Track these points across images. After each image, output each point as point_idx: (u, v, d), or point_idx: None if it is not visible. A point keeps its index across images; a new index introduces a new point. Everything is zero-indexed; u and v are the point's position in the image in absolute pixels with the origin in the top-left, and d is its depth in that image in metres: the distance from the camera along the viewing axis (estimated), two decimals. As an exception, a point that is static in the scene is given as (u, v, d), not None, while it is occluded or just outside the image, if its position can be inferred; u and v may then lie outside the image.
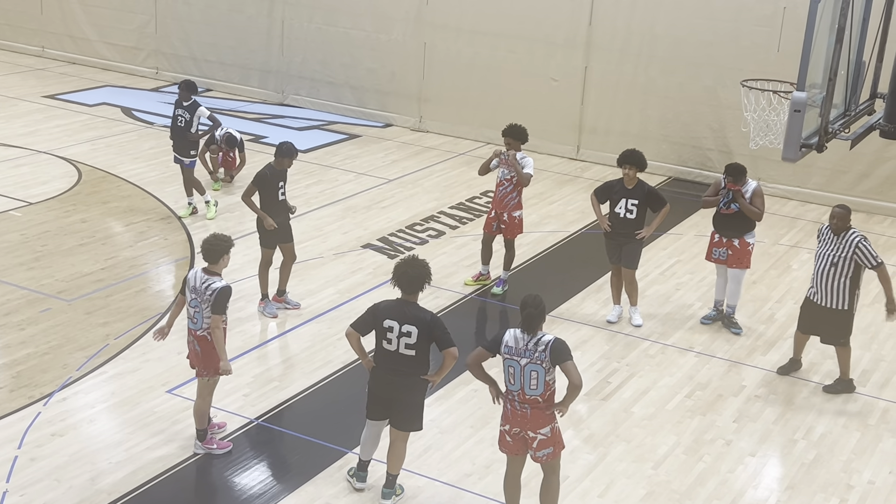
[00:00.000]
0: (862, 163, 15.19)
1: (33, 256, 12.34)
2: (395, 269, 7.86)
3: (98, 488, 8.15)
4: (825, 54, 7.62)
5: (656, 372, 10.43)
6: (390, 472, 8.13)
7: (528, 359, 7.29)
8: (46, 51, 22.42)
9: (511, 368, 7.35)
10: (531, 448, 7.49)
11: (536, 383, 7.30)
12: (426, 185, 15.73)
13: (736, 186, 10.87)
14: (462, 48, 17.91)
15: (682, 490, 8.52)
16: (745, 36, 15.69)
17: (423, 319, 7.75)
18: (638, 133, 16.62)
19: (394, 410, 7.97)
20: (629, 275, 11.27)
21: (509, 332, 7.43)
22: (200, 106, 13.65)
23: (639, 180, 11.03)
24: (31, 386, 9.56)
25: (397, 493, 8.19)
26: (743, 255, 11.09)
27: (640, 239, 11.07)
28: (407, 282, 7.79)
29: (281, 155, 10.97)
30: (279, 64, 19.82)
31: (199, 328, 8.42)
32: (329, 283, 12.08)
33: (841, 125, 8.32)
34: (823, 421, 9.67)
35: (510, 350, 7.35)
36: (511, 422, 7.46)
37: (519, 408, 7.39)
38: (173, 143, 13.76)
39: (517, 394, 7.37)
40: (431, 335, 7.74)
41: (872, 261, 9.74)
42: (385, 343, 7.81)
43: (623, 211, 11.01)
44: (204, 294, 8.36)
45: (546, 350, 7.28)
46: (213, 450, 8.69)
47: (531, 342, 7.30)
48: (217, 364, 8.41)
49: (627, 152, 11.03)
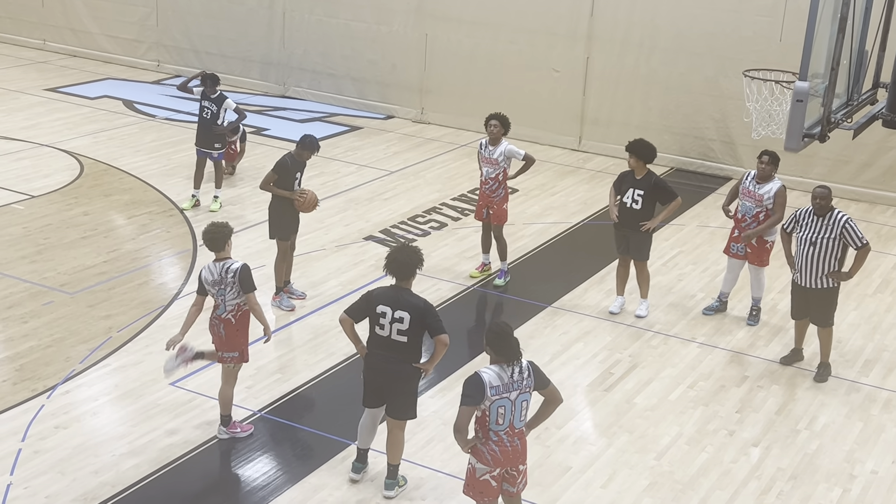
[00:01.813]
0: (864, 153, 15.18)
1: (36, 249, 12.34)
2: (387, 257, 7.92)
3: (102, 480, 8.16)
4: (827, 44, 7.61)
5: (659, 362, 10.43)
6: (391, 463, 8.15)
7: (518, 390, 6.87)
8: (48, 44, 22.40)
9: (501, 408, 6.84)
10: (514, 484, 7.08)
11: (525, 413, 6.94)
12: (428, 177, 15.72)
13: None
14: (463, 39, 17.88)
15: (685, 480, 8.53)
16: (746, 26, 15.67)
17: (416, 306, 7.77)
18: (640, 124, 16.60)
19: (388, 398, 8.00)
20: (640, 266, 11.24)
21: (486, 373, 6.84)
22: (227, 98, 13.66)
23: (648, 171, 10.98)
24: (34, 379, 9.57)
25: (400, 483, 8.21)
26: (762, 253, 11.06)
27: (647, 231, 11.05)
28: (397, 268, 7.82)
29: (302, 147, 10.98)
30: (280, 56, 19.80)
31: (223, 313, 8.52)
32: (331, 275, 12.09)
33: (843, 115, 8.30)
34: (826, 411, 9.68)
35: (497, 390, 6.82)
36: (501, 463, 6.96)
37: (509, 443, 6.93)
38: (197, 136, 13.74)
39: (505, 431, 6.90)
40: (423, 321, 7.75)
41: (859, 241, 9.76)
42: (378, 329, 7.84)
43: (629, 201, 10.96)
44: (226, 278, 8.49)
45: (531, 376, 6.91)
46: (237, 433, 8.80)
47: (515, 373, 6.87)
48: (241, 348, 8.60)
49: (632, 141, 11.00)
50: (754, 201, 10.90)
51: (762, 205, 10.86)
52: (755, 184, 10.90)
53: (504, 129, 11.62)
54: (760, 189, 10.86)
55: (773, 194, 10.83)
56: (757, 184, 10.89)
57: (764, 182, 10.86)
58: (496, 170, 11.67)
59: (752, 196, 10.91)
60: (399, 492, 8.17)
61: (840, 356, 10.61)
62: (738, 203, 11.13)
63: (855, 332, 11.24)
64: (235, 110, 13.65)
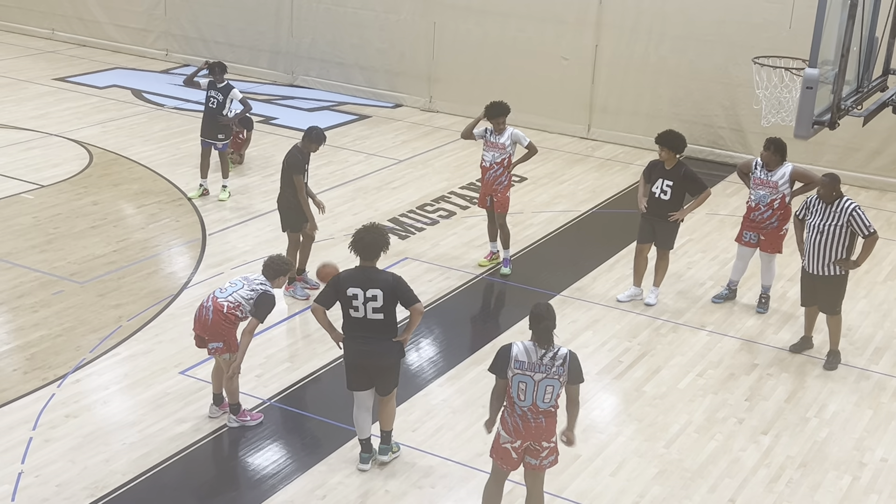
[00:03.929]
0: (875, 140, 15.11)
1: (45, 239, 12.37)
2: (353, 236, 7.95)
3: (112, 469, 8.19)
4: (837, 30, 7.58)
5: (668, 351, 10.42)
6: (384, 429, 8.25)
7: (545, 374, 6.88)
8: (56, 33, 22.43)
9: (522, 384, 6.91)
10: (537, 457, 7.12)
11: (550, 397, 6.95)
12: (436, 166, 15.71)
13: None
14: (472, 28, 17.84)
15: (694, 468, 8.53)
16: (756, 13, 15.59)
17: (387, 281, 7.84)
18: (649, 112, 16.57)
19: (375, 378, 8.06)
20: (662, 254, 11.27)
21: (516, 346, 6.96)
22: (234, 88, 13.64)
23: (678, 161, 10.97)
24: (44, 368, 9.61)
25: (394, 449, 8.32)
26: (775, 241, 11.04)
27: (675, 221, 11.04)
28: (363, 247, 7.87)
29: (310, 140, 10.99)
30: (289, 45, 19.78)
31: (224, 297, 8.50)
32: (340, 264, 11.98)
33: (853, 102, 8.27)
34: (836, 399, 9.66)
35: (521, 365, 6.90)
36: (522, 436, 7.03)
37: (532, 420, 6.99)
38: (202, 126, 13.72)
39: (528, 408, 6.96)
40: (396, 295, 7.82)
41: (866, 229, 9.73)
42: (352, 311, 7.87)
43: (658, 191, 10.97)
44: (253, 283, 8.54)
45: (564, 365, 6.89)
46: (247, 422, 8.81)
47: (546, 356, 6.87)
48: (226, 339, 8.52)
49: (661, 133, 10.99)
50: (768, 189, 10.87)
51: (778, 191, 10.83)
52: (765, 172, 10.87)
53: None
54: (773, 176, 10.84)
55: (789, 175, 10.81)
56: (767, 172, 10.86)
57: (774, 168, 10.83)
58: (502, 155, 11.65)
59: (766, 184, 10.87)
60: (393, 457, 8.28)
61: (850, 344, 10.59)
62: (751, 193, 11.09)
63: (865, 320, 11.21)
64: (241, 101, 13.65)
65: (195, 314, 8.69)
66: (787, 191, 10.85)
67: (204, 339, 8.61)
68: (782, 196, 10.86)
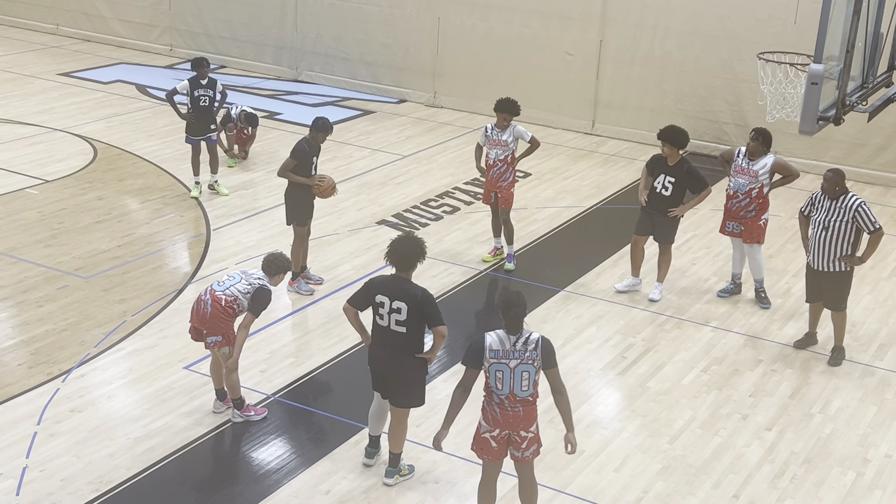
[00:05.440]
0: (880, 135, 15.09)
1: (50, 234, 12.39)
2: (389, 246, 7.81)
3: (116, 463, 8.21)
4: (842, 26, 7.57)
5: (672, 346, 10.42)
6: (392, 451, 8.11)
7: (518, 360, 6.93)
8: (61, 28, 22.44)
9: (499, 373, 6.96)
10: (518, 449, 7.15)
11: (528, 384, 6.97)
12: (441, 161, 15.70)
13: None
14: (476, 23, 17.83)
15: (698, 464, 8.53)
16: (761, 8, 15.57)
17: (414, 296, 7.65)
18: (654, 107, 16.55)
19: (390, 388, 7.94)
20: (664, 249, 11.28)
21: (489, 336, 6.98)
22: (217, 81, 13.67)
23: (682, 158, 11.00)
24: (49, 362, 9.63)
25: (402, 472, 8.15)
26: (754, 230, 11.04)
27: (674, 217, 11.05)
28: (398, 258, 7.72)
29: (316, 130, 10.97)
30: (293, 40, 19.78)
31: (222, 290, 8.50)
32: (344, 259, 12.10)
33: (858, 97, 8.26)
34: (840, 395, 9.66)
35: (496, 354, 6.94)
36: (500, 425, 7.07)
37: (510, 408, 7.02)
38: (194, 126, 13.55)
39: (506, 396, 7.01)
40: (422, 312, 7.64)
41: (871, 225, 9.71)
42: (378, 318, 7.80)
43: (660, 186, 10.99)
44: (251, 278, 8.52)
45: (537, 349, 6.94)
46: (251, 417, 8.82)
47: (518, 342, 6.92)
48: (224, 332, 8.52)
49: (663, 129, 11.00)
50: (748, 177, 10.90)
51: (757, 180, 10.87)
52: (747, 161, 10.90)
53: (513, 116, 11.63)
54: (755, 165, 10.88)
55: (770, 167, 10.86)
56: (749, 160, 10.89)
57: (757, 158, 10.85)
58: (505, 151, 11.66)
59: (746, 172, 10.91)
60: (400, 480, 8.13)
61: (854, 340, 10.59)
62: (730, 180, 11.11)
63: (869, 316, 11.20)
64: (221, 91, 13.68)
65: (193, 307, 8.71)
66: (767, 181, 10.90)
67: (201, 332, 8.63)
68: (760, 186, 10.89)
